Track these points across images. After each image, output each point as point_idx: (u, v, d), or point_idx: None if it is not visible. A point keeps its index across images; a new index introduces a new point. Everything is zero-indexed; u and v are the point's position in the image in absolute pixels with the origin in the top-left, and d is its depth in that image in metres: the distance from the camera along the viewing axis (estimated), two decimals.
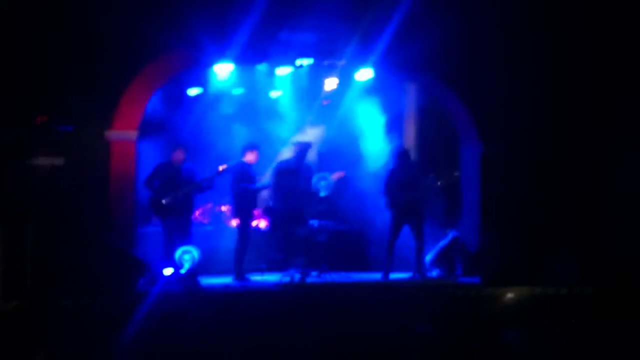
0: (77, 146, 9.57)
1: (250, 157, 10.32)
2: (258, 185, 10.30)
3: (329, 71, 11.68)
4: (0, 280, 8.22)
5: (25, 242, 8.42)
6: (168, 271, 9.27)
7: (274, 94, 12.58)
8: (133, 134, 10.05)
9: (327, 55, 11.14)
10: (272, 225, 10.84)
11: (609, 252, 10.08)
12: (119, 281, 8.72)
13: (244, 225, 10.15)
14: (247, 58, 10.77)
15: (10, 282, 8.24)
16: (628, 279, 9.76)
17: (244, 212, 10.16)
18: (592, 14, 10.51)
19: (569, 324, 9.11)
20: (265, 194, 11.05)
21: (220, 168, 10.07)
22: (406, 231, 10.42)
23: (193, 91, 12.41)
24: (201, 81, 11.92)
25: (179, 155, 9.97)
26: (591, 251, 9.95)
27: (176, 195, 9.73)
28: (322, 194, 9.92)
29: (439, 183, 11.36)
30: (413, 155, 11.24)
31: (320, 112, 12.39)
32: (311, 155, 10.87)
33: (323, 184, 9.92)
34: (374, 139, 12.42)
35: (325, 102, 12.71)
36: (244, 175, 10.18)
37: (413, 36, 10.31)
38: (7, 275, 8.25)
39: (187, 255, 9.41)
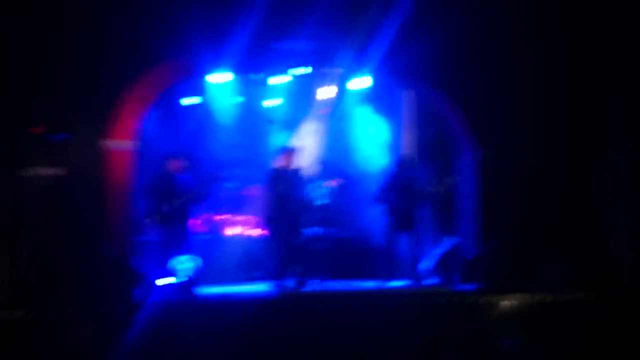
0: (73, 156, 9.55)
1: (285, 162, 10.30)
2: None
3: (326, 79, 11.71)
4: (5, 290, 8.27)
5: (24, 252, 8.44)
6: (164, 280, 9.26)
7: (270, 102, 12.61)
8: (130, 144, 10.06)
9: (324, 64, 11.17)
10: (269, 233, 10.80)
11: (607, 258, 10.05)
12: (115, 290, 8.73)
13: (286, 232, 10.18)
14: (243, 67, 10.80)
15: (15, 292, 8.25)
16: (623, 283, 9.78)
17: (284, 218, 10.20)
18: (588, 17, 10.50)
19: (568, 331, 9.13)
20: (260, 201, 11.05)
21: (217, 177, 10.08)
22: (404, 238, 10.40)
23: (190, 100, 12.44)
24: (199, 91, 11.96)
25: (174, 165, 9.97)
26: (589, 256, 9.92)
27: (173, 205, 9.73)
28: (318, 202, 9.90)
29: (437, 189, 11.36)
30: (412, 162, 11.21)
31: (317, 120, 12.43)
32: (304, 161, 10.80)
33: (319, 192, 9.90)
34: (371, 145, 12.43)
35: (322, 111, 12.74)
36: (279, 180, 10.21)
37: (409, 43, 10.31)
38: (13, 285, 8.27)
39: (184, 264, 9.39)
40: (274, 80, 11.49)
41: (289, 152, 10.57)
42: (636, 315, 9.18)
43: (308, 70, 11.27)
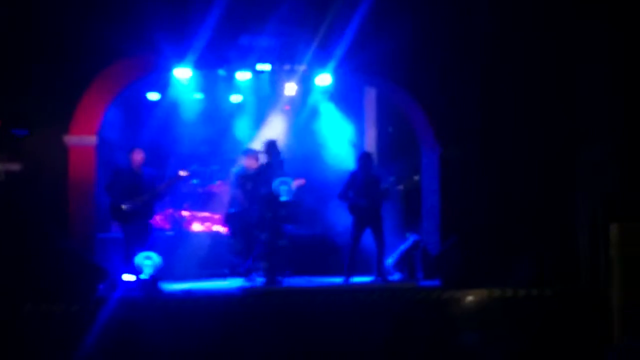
0: (34, 151, 9.44)
1: (251, 161, 10.33)
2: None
3: (290, 76, 11.72)
4: None
5: None
6: (128, 277, 9.18)
7: (234, 98, 12.56)
8: (92, 139, 9.94)
9: (287, 60, 11.15)
10: (233, 230, 10.78)
11: (567, 254, 10.22)
12: (79, 287, 8.62)
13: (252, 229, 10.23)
14: (206, 62, 10.72)
15: None
16: (583, 279, 9.96)
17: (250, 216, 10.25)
18: (551, 13, 10.64)
19: (527, 325, 9.29)
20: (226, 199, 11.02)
21: (181, 173, 10.00)
22: (367, 235, 10.45)
23: (153, 96, 12.34)
24: (161, 86, 11.86)
25: (136, 156, 9.84)
26: (550, 253, 10.08)
27: (136, 201, 9.64)
28: (283, 198, 9.87)
29: (399, 186, 11.45)
30: (374, 159, 11.25)
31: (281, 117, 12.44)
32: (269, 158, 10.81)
33: (284, 188, 9.88)
34: (335, 143, 12.47)
35: (286, 108, 12.74)
36: (246, 178, 10.24)
37: (370, 41, 10.37)
38: None
39: (148, 260, 9.30)
40: (238, 76, 11.43)
41: (249, 155, 10.55)
42: (589, 309, 9.38)
43: (271, 66, 11.24)
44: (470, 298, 9.40)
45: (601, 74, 10.22)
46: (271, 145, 10.42)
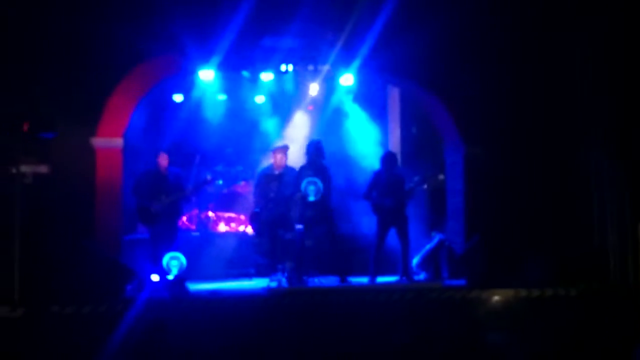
0: (62, 154, 9.53)
1: (276, 160, 10.38)
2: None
3: (313, 76, 11.75)
4: None
5: (14, 250, 8.38)
6: (155, 277, 9.24)
7: (258, 99, 12.61)
8: (119, 141, 10.02)
9: (310, 61, 11.19)
10: (257, 230, 10.82)
11: (595, 253, 10.16)
12: (106, 288, 8.68)
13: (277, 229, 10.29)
14: (231, 64, 10.80)
15: (6, 291, 8.20)
16: (612, 279, 9.89)
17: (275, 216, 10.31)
18: (571, 15, 10.60)
19: (555, 325, 9.23)
20: (251, 199, 11.06)
21: (209, 177, 10.11)
22: (393, 234, 10.45)
23: (177, 97, 12.42)
24: (186, 87, 11.93)
25: (162, 161, 9.93)
26: (577, 252, 10.02)
27: (163, 202, 9.70)
28: (311, 198, 9.88)
29: (424, 186, 11.42)
30: (398, 158, 11.24)
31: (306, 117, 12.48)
32: (295, 159, 10.82)
33: (312, 188, 9.89)
34: (359, 142, 12.48)
35: (310, 108, 12.77)
36: (270, 178, 10.31)
37: (394, 41, 10.36)
38: (3, 284, 8.21)
39: (175, 261, 9.38)
40: (263, 77, 11.48)
41: (279, 150, 10.59)
42: (620, 308, 9.31)
43: (295, 67, 11.28)
44: (496, 298, 9.35)
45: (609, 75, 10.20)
46: (315, 146, 10.40)
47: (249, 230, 11.41)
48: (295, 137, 11.87)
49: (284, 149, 10.60)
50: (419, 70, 10.80)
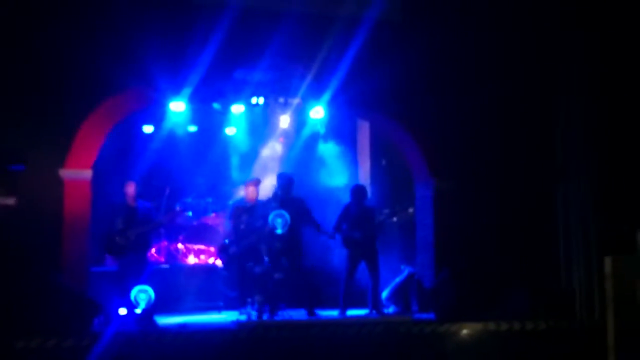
0: (29, 185, 9.41)
1: (247, 193, 10.46)
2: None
3: (284, 109, 11.81)
4: None
5: None
6: (123, 311, 9.15)
7: (229, 131, 12.64)
8: (87, 173, 9.93)
9: (281, 93, 11.26)
10: (226, 263, 10.77)
11: (562, 287, 10.26)
12: (73, 322, 8.57)
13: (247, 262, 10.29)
14: (201, 96, 10.81)
15: None
16: (578, 313, 9.98)
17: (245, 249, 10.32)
18: (541, 48, 10.79)
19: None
20: (221, 231, 11.03)
21: (178, 209, 10.09)
22: (362, 268, 10.46)
23: (148, 128, 12.39)
24: (156, 118, 11.91)
25: (129, 189, 9.84)
26: (543, 286, 10.11)
27: (131, 234, 9.61)
28: (279, 231, 9.88)
29: (394, 219, 11.47)
30: (368, 191, 11.29)
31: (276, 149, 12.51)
32: (267, 192, 10.84)
33: (280, 221, 9.89)
34: (330, 175, 12.52)
35: (280, 140, 12.81)
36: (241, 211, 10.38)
37: (363, 75, 10.47)
38: None
39: (143, 294, 9.28)
40: (234, 109, 11.51)
41: (251, 183, 10.61)
42: (584, 344, 9.39)
43: (265, 99, 11.33)
44: (465, 331, 9.41)
45: (579, 108, 10.36)
46: (286, 179, 10.42)
47: (219, 262, 11.35)
48: (266, 168, 11.86)
49: (256, 182, 10.63)
50: (387, 104, 10.90)
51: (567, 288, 10.17)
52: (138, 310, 9.20)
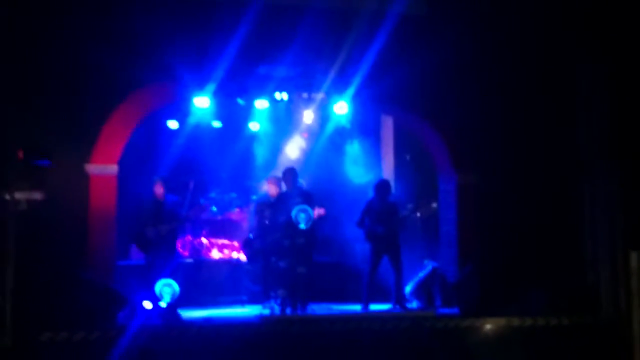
0: (56, 180, 9.52)
1: (271, 188, 10.50)
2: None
3: (307, 104, 11.82)
4: None
5: (6, 277, 8.37)
6: (148, 304, 9.23)
7: (252, 126, 12.68)
8: (113, 168, 10.03)
9: (305, 89, 11.26)
10: (250, 257, 10.82)
11: (586, 283, 10.18)
12: (98, 315, 8.68)
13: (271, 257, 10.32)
14: (225, 91, 10.84)
15: None
16: (604, 309, 9.90)
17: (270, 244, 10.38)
18: (569, 46, 10.69)
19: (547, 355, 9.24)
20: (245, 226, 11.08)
21: (202, 203, 10.14)
22: (385, 262, 10.46)
23: (172, 124, 12.48)
24: (181, 114, 11.99)
25: (158, 189, 9.94)
26: (568, 281, 10.04)
27: (161, 231, 9.66)
28: (302, 226, 9.90)
29: (417, 214, 11.46)
30: (392, 186, 11.28)
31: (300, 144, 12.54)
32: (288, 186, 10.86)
33: (303, 216, 9.91)
34: (353, 170, 12.52)
35: (304, 135, 12.83)
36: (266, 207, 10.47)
37: (388, 70, 10.44)
38: None
39: (167, 288, 9.35)
40: (257, 105, 11.55)
41: (273, 179, 10.64)
42: (609, 340, 9.33)
43: (289, 95, 11.35)
44: (488, 327, 9.38)
45: (604, 103, 10.27)
46: (289, 173, 10.47)
47: (242, 257, 11.41)
48: (290, 164, 11.88)
49: (276, 179, 10.65)
50: (412, 99, 10.88)
51: (592, 283, 10.08)
52: (163, 304, 9.27)
